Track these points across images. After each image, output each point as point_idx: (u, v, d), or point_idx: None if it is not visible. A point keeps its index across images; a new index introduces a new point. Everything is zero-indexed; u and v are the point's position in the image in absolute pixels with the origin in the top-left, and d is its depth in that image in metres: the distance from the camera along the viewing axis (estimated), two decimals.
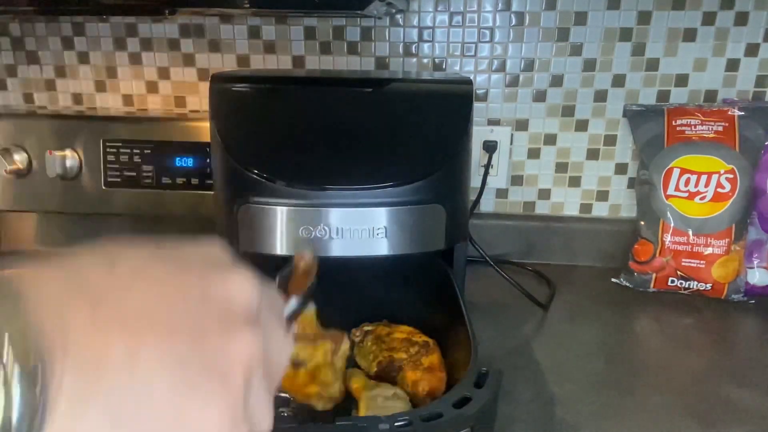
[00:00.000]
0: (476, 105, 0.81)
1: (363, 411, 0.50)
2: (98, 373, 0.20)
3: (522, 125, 0.90)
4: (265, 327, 0.25)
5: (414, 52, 0.89)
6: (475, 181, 0.85)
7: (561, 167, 0.92)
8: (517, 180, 0.93)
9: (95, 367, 0.20)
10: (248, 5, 0.73)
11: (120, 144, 0.85)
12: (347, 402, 0.53)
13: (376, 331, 0.61)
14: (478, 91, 0.89)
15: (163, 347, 0.21)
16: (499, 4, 0.85)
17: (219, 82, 0.66)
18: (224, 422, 0.22)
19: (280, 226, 0.58)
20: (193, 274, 0.24)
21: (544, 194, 0.94)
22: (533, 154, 0.92)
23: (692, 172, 0.80)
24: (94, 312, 0.20)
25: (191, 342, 0.22)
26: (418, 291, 0.66)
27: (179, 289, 0.23)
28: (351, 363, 0.60)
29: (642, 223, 0.84)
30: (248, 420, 0.24)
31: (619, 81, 0.87)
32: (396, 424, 0.39)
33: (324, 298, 0.67)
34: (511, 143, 0.91)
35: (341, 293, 0.67)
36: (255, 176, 0.58)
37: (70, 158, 0.85)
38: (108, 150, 0.86)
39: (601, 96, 0.88)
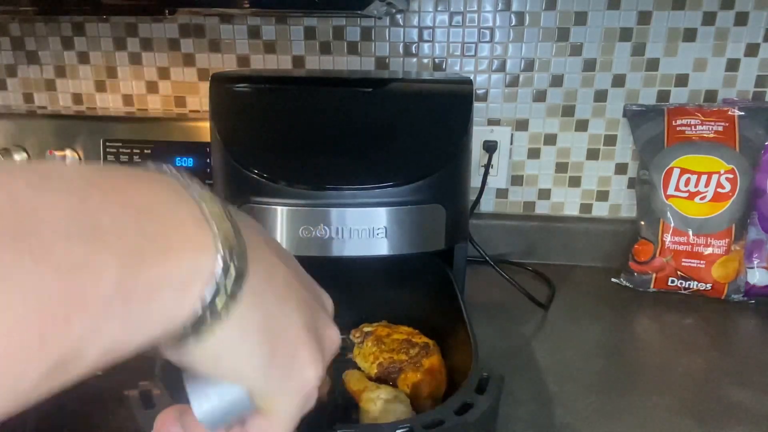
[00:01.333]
0: (476, 105, 0.81)
1: (363, 413, 0.50)
2: (270, 277, 0.25)
3: (522, 125, 0.90)
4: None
5: (414, 52, 0.89)
6: (475, 181, 0.85)
7: (561, 167, 0.92)
8: (517, 180, 0.93)
9: (269, 279, 0.25)
10: (248, 5, 0.73)
11: (120, 144, 0.85)
12: (347, 403, 0.53)
13: (376, 332, 0.61)
14: (478, 91, 0.89)
15: (300, 295, 0.28)
16: (499, 4, 0.85)
17: (219, 82, 0.66)
18: (315, 381, 0.27)
19: (280, 226, 0.58)
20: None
21: (544, 194, 0.94)
22: (533, 154, 0.92)
23: (692, 172, 0.80)
24: (276, 252, 0.27)
25: (314, 305, 0.29)
26: (418, 291, 0.66)
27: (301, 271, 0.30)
28: (351, 364, 0.60)
29: (642, 223, 0.84)
30: (308, 404, 0.28)
31: (619, 81, 0.87)
32: (397, 431, 0.39)
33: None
34: (511, 143, 0.91)
35: (341, 293, 0.67)
36: (255, 176, 0.58)
37: (70, 158, 0.85)
38: (108, 150, 0.86)
39: (601, 96, 0.88)
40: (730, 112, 0.80)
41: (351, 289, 0.67)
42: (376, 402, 0.50)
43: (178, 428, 0.27)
